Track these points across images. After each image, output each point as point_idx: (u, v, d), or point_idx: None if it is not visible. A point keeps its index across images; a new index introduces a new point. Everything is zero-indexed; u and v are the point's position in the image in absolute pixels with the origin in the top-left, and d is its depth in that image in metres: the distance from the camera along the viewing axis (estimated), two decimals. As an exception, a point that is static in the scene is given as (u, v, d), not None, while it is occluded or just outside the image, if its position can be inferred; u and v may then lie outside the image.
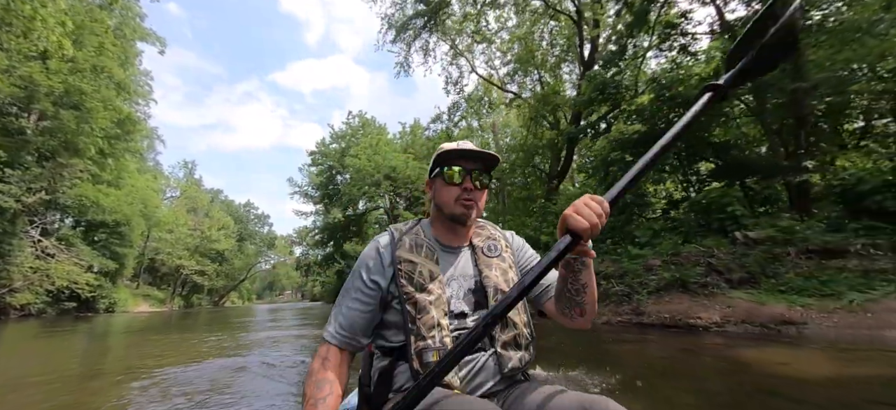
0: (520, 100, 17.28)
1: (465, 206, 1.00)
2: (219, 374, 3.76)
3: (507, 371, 0.93)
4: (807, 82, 6.53)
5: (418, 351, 0.89)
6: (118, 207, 26.93)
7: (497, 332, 0.95)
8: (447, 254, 1.04)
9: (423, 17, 12.79)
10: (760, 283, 5.06)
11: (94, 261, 24.46)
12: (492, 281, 1.00)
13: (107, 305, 25.90)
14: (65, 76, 17.85)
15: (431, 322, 0.91)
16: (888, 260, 4.53)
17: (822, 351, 3.34)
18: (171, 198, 46.20)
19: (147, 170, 37.46)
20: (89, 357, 5.52)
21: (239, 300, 61.83)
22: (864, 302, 4.04)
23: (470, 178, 1.00)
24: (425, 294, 0.93)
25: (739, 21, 8.76)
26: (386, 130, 34.20)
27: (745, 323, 4.31)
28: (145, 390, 3.12)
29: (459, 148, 1.01)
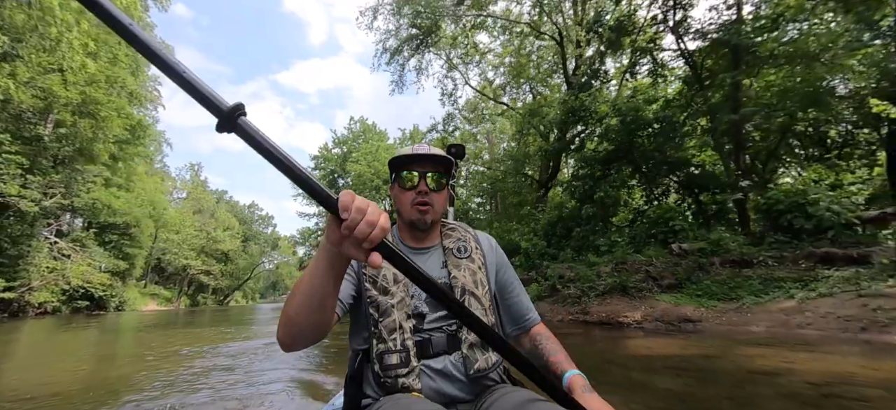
0: (510, 112, 18.24)
1: (421, 211, 0.99)
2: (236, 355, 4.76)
3: (472, 373, 0.90)
4: (747, 109, 7.49)
5: (379, 354, 0.89)
6: (129, 209, 28.12)
7: (463, 334, 0.94)
8: (415, 256, 1.03)
9: (416, 40, 13.81)
10: (683, 288, 6.00)
11: (105, 262, 25.56)
12: (460, 282, 0.98)
13: (117, 304, 26.51)
14: (82, 87, 18.98)
15: (393, 324, 0.90)
16: (785, 271, 5.46)
17: (702, 342, 4.28)
18: (178, 199, 47.45)
19: (155, 173, 38.77)
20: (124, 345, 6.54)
21: (243, 299, 63.04)
22: (753, 304, 4.97)
23: (425, 182, 0.98)
24: (387, 296, 0.93)
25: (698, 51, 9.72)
26: (386, 136, 35.30)
27: (657, 320, 5.25)
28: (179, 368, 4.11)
29: (413, 152, 1.00)
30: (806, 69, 8.78)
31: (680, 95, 10.02)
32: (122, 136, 24.45)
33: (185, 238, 40.51)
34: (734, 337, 4.29)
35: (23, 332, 10.04)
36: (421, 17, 12.84)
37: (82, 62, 12.98)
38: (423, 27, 13.31)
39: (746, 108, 7.29)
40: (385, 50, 14.22)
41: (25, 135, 18.56)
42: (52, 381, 3.56)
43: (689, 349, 3.90)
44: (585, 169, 9.70)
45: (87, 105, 20.14)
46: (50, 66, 17.17)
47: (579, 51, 13.47)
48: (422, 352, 0.91)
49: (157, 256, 38.36)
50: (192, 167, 52.07)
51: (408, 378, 0.87)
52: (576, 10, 13.51)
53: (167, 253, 39.00)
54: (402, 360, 0.88)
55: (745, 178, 7.63)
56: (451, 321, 0.95)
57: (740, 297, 5.28)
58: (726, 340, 4.17)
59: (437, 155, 1.00)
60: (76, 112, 19.75)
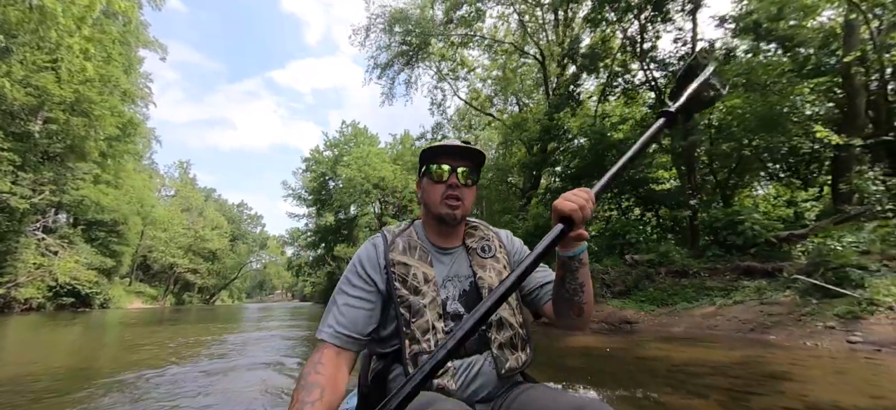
0: (497, 122, 19.14)
1: (451, 206, 0.97)
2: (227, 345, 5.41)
3: (504, 372, 0.91)
4: (693, 136, 8.44)
5: (413, 355, 0.88)
6: (117, 206, 28.12)
7: (492, 334, 0.93)
8: (441, 256, 1.02)
9: (406, 55, 14.64)
10: (631, 294, 6.87)
11: (92, 259, 25.54)
12: (486, 282, 0.97)
13: (101, 301, 26.35)
14: (75, 86, 19.23)
15: (426, 325, 0.90)
16: (715, 281, 6.35)
17: (629, 339, 5.13)
18: (166, 197, 47.21)
19: (143, 170, 38.62)
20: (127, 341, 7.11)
21: (229, 299, 62.65)
22: (682, 309, 5.84)
23: (456, 176, 0.98)
24: (419, 296, 0.92)
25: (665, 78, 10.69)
26: (377, 140, 35.93)
27: (603, 322, 6.09)
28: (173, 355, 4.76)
29: (445, 143, 0.99)
30: (761, 97, 9.83)
31: (645, 120, 10.99)
32: (114, 134, 24.58)
33: (172, 236, 40.39)
34: (658, 335, 5.14)
35: (11, 328, 10.32)
36: (411, 34, 13.64)
37: (82, 65, 13.37)
38: (412, 44, 14.13)
39: (693, 136, 8.24)
40: (376, 65, 15.03)
41: (15, 132, 18.70)
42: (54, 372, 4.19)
43: (614, 343, 4.75)
44: (558, 183, 10.60)
45: (81, 103, 20.36)
46: (44, 64, 17.45)
47: (560, 70, 14.42)
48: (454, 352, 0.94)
49: (142, 254, 38.20)
50: (180, 165, 51.91)
51: (443, 378, 0.87)
52: (557, 31, 14.46)
53: (154, 251, 38.85)
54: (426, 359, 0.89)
55: (694, 197, 8.58)
56: None
57: (675, 303, 6.16)
58: (649, 338, 5.02)
59: (471, 148, 0.99)
60: (69, 110, 19.96)
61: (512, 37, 16.10)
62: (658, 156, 10.62)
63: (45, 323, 12.15)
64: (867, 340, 3.56)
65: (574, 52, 11.62)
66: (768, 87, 9.94)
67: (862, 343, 3.57)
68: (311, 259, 42.11)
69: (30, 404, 2.73)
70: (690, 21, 9.40)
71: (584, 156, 10.44)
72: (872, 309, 3.87)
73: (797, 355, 3.49)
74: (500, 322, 0.95)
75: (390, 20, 14.13)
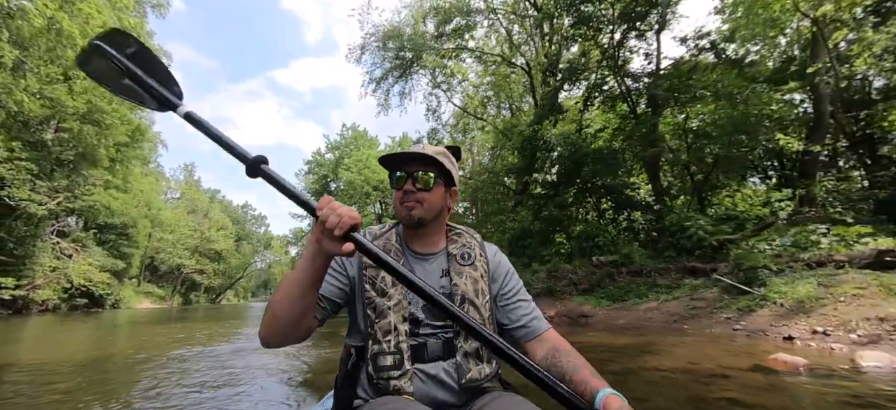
0: (489, 127, 20.01)
1: (407, 208, 0.98)
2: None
3: (464, 382, 0.91)
4: (656, 148, 9.32)
5: (373, 355, 0.90)
6: (126, 210, 29.18)
7: (460, 342, 0.94)
8: (417, 261, 1.03)
9: (399, 69, 15.57)
10: (594, 292, 7.77)
11: (104, 261, 26.61)
12: (460, 289, 0.97)
13: (113, 301, 27.42)
14: (88, 97, 20.20)
15: (387, 326, 0.91)
16: (664, 280, 7.23)
17: (578, 328, 6.02)
18: (172, 199, 48.37)
19: (150, 173, 39.74)
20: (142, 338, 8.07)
21: (235, 298, 63.93)
22: (632, 304, 6.73)
23: (413, 181, 0.98)
24: (385, 299, 0.93)
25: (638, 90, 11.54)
26: (376, 143, 36.90)
27: (564, 315, 6.99)
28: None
29: (398, 152, 1.01)
30: (729, 105, 10.69)
31: (620, 129, 11.86)
32: (123, 141, 25.58)
33: (179, 237, 41.55)
34: (606, 326, 6.03)
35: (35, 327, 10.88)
36: (404, 49, 14.53)
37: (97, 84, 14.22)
38: (406, 59, 15.05)
39: (655, 148, 9.12)
40: (371, 79, 15.96)
41: (30, 140, 19.70)
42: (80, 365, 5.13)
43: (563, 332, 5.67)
44: (540, 189, 11.49)
45: (93, 113, 21.35)
46: (57, 76, 18.41)
47: (544, 82, 15.27)
48: (416, 356, 0.92)
49: (150, 255, 39.33)
50: (186, 168, 53.08)
51: (400, 380, 0.88)
52: (542, 44, 15.30)
53: (161, 253, 40.00)
54: (396, 362, 0.89)
55: (658, 203, 9.45)
56: (448, 328, 0.96)
57: (628, 299, 7.05)
58: (598, 328, 5.92)
59: (425, 154, 0.99)
60: (82, 119, 20.96)
61: (502, 47, 16.97)
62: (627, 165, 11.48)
63: (63, 322, 12.85)
64: (746, 328, 4.44)
65: (554, 66, 12.47)
66: (734, 96, 10.81)
67: (741, 330, 4.46)
68: (313, 259, 43.12)
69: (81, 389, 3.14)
70: (656, 41, 10.25)
71: (563, 165, 11.32)
72: (763, 304, 4.74)
73: (687, 339, 4.38)
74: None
75: (384, 38, 15.06)
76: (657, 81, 9.83)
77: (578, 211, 11.96)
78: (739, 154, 11.44)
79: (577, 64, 12.15)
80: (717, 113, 10.79)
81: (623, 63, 11.66)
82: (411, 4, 16.07)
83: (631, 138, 10.82)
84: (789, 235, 6.36)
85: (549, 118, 12.09)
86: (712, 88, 10.72)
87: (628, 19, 10.73)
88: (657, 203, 9.47)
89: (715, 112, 10.89)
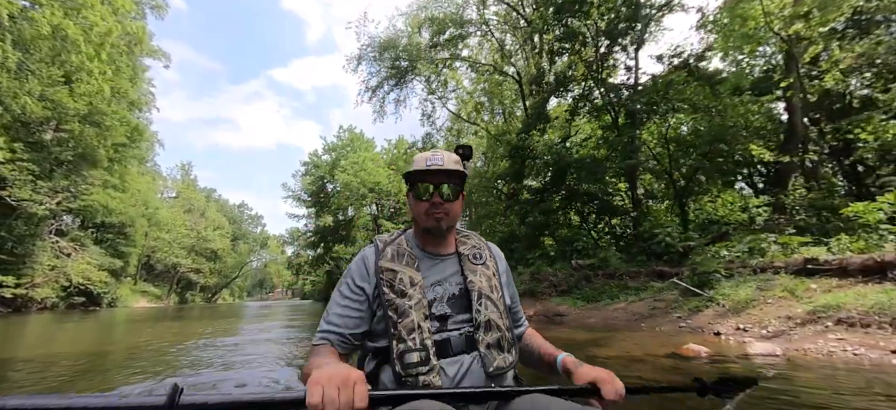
0: (483, 132, 20.63)
1: (436, 219, 1.04)
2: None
3: (491, 370, 0.96)
4: (632, 159, 9.97)
5: (399, 354, 0.92)
6: (124, 210, 29.45)
7: (480, 334, 0.99)
8: (432, 261, 1.08)
9: (395, 78, 16.19)
10: (571, 293, 8.39)
11: (102, 260, 26.92)
12: (477, 286, 1.03)
13: (110, 300, 27.69)
14: (89, 99, 20.56)
15: (411, 325, 0.94)
16: (635, 282, 7.86)
17: (552, 326, 6.64)
18: (168, 198, 48.58)
19: (146, 172, 39.98)
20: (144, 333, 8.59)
21: (230, 297, 64.13)
22: (604, 305, 7.34)
23: (439, 193, 1.04)
24: (405, 299, 0.97)
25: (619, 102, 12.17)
26: (373, 145, 37.40)
27: (541, 315, 7.62)
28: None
29: (426, 166, 1.05)
30: (706, 117, 11.37)
31: (603, 139, 12.51)
32: (122, 141, 25.91)
33: (175, 237, 41.81)
34: (577, 324, 6.65)
35: (36, 324, 11.15)
36: (400, 59, 15.13)
37: (100, 87, 14.76)
38: (401, 68, 15.67)
39: (631, 158, 9.78)
40: (368, 88, 16.56)
41: (30, 141, 20.05)
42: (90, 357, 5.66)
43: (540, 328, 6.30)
44: (527, 195, 12.13)
45: (93, 115, 21.72)
46: (58, 78, 18.79)
47: (531, 92, 15.91)
48: (441, 351, 0.96)
49: (146, 254, 39.55)
50: (182, 167, 53.29)
51: (428, 375, 0.91)
52: (531, 55, 15.95)
53: (158, 252, 40.25)
54: (423, 359, 0.92)
55: (635, 209, 10.10)
56: (469, 323, 1.00)
57: (601, 299, 7.67)
58: (570, 326, 6.54)
59: (450, 169, 1.05)
60: (82, 121, 21.31)
61: (494, 56, 17.61)
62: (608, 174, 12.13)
63: (63, 320, 13.08)
64: (690, 326, 5.07)
65: (541, 78, 13.12)
66: (710, 108, 11.51)
67: (685, 327, 5.09)
68: (310, 258, 43.65)
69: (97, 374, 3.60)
70: (635, 58, 10.93)
71: (549, 173, 11.96)
72: (709, 305, 5.36)
73: (638, 334, 5.00)
74: (488, 323, 1.00)
75: (380, 48, 15.67)
76: (635, 96, 10.50)
77: (563, 217, 12.59)
78: (716, 162, 12.13)
79: (564, 76, 12.79)
80: (700, 123, 11.50)
81: (606, 76, 12.31)
82: (407, 14, 16.69)
83: (613, 148, 11.46)
84: (745, 243, 7.01)
85: (538, 127, 12.72)
86: (689, 101, 11.41)
87: (611, 35, 11.38)
88: (634, 210, 10.13)
89: (698, 122, 11.60)
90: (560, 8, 11.66)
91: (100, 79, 14.71)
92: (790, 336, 3.75)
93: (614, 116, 12.04)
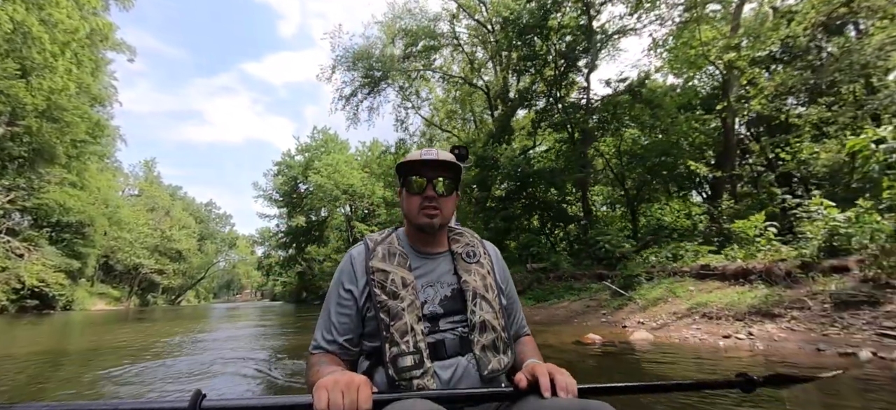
0: (455, 139, 21.51)
1: (428, 215, 1.01)
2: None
3: (486, 373, 0.94)
4: (584, 172, 11.09)
5: (393, 357, 0.90)
6: (83, 208, 28.23)
7: (475, 336, 0.96)
8: (425, 260, 1.05)
9: (368, 87, 16.83)
10: (524, 294, 9.35)
11: (58, 261, 25.71)
12: (471, 286, 1.01)
13: (64, 303, 26.45)
14: (47, 94, 19.77)
15: (404, 327, 0.92)
16: (579, 284, 8.91)
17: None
18: (130, 196, 46.58)
19: (107, 169, 38.22)
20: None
21: (195, 299, 61.93)
22: (550, 304, 8.32)
23: (433, 187, 1.01)
24: (397, 300, 0.95)
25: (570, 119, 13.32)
26: (347, 146, 37.54)
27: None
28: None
29: (421, 157, 1.02)
30: (650, 133, 12.70)
31: (561, 152, 13.65)
32: (83, 138, 24.92)
33: (137, 236, 40.19)
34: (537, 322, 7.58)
35: None
36: (373, 69, 15.76)
37: (65, 85, 14.44)
38: (375, 77, 16.32)
39: (582, 171, 10.91)
40: (342, 97, 17.10)
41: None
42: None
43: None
44: (491, 203, 13.08)
45: (52, 110, 20.88)
46: (14, 71, 18.03)
47: (495, 105, 16.93)
48: (435, 354, 0.94)
49: (105, 255, 37.83)
50: (146, 163, 51.16)
51: (422, 378, 0.89)
52: (498, 71, 16.99)
53: (118, 252, 38.58)
54: (416, 362, 0.90)
55: (585, 218, 11.24)
56: (463, 324, 0.98)
57: (549, 299, 8.66)
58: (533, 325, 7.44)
59: (446, 161, 1.02)
60: (40, 117, 20.44)
61: (464, 69, 18.54)
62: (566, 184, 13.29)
63: (11, 324, 12.67)
64: (609, 321, 6.08)
65: (506, 93, 14.15)
66: (656, 126, 12.85)
67: (606, 322, 6.10)
68: (282, 259, 43.09)
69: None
70: (587, 81, 12.12)
71: (511, 182, 12.97)
72: (628, 303, 6.40)
73: (567, 328, 5.96)
74: (483, 324, 0.98)
75: (354, 59, 16.25)
76: (586, 115, 11.67)
77: (524, 223, 13.63)
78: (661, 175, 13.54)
79: (527, 92, 13.86)
80: (648, 138, 12.84)
81: (564, 95, 13.46)
82: (382, 23, 17.32)
83: (569, 161, 12.61)
84: (668, 249, 8.18)
85: (504, 137, 13.70)
86: (636, 119, 12.73)
87: (567, 58, 12.52)
88: (585, 218, 11.26)
89: (645, 138, 12.95)
90: (523, 30, 12.71)
91: (64, 76, 14.35)
92: (669, 327, 4.78)
93: (571, 132, 13.21)
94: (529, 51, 12.85)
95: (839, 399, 2.14)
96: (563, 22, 12.83)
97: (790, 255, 4.88)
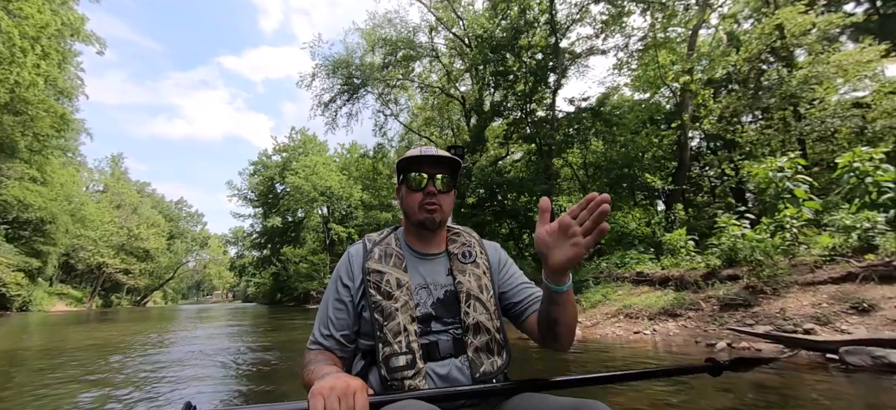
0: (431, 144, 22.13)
1: (429, 211, 1.01)
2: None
3: (478, 375, 0.93)
4: (549, 183, 11.96)
5: (385, 358, 0.91)
6: (44, 205, 27.10)
7: (469, 337, 0.96)
8: (421, 261, 1.05)
9: (347, 93, 17.27)
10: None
11: (16, 260, 24.66)
12: (465, 287, 1.00)
13: (21, 304, 25.51)
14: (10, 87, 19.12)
15: (397, 328, 0.92)
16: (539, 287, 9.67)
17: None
18: (95, 193, 44.70)
19: (70, 164, 36.64)
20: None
21: (162, 300, 59.72)
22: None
23: (433, 183, 1.01)
24: (391, 301, 0.95)
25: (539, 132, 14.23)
26: (326, 148, 37.50)
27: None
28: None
29: (421, 153, 1.02)
30: (613, 146, 13.74)
31: (531, 162, 14.54)
32: (48, 132, 24.05)
33: (102, 235, 38.65)
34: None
35: None
36: (353, 77, 16.20)
37: (33, 80, 14.12)
38: (354, 84, 16.78)
39: (545, 185, 11.78)
40: (321, 103, 17.45)
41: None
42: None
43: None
44: (464, 210, 13.80)
45: (15, 103, 20.13)
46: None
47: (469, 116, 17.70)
48: (428, 355, 0.94)
49: (66, 253, 36.22)
50: (113, 159, 49.18)
51: (414, 379, 0.89)
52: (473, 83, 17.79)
53: (80, 251, 37.00)
54: (409, 362, 0.90)
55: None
56: (456, 326, 0.98)
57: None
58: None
59: (445, 156, 1.03)
60: (2, 109, 19.67)
61: (441, 80, 19.25)
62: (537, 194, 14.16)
63: None
64: None
65: (480, 105, 14.95)
66: (616, 140, 13.91)
67: None
68: (256, 259, 42.38)
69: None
70: (552, 99, 13.04)
71: (482, 191, 13.74)
72: (580, 305, 7.18)
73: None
74: (477, 326, 0.97)
75: (334, 66, 16.65)
76: (551, 131, 12.57)
77: (494, 229, 14.42)
78: (622, 186, 14.64)
79: (499, 105, 14.69)
80: (612, 151, 13.90)
81: (533, 110, 14.37)
82: (363, 30, 17.76)
83: (536, 172, 13.49)
84: (616, 257, 9.08)
85: (478, 147, 14.45)
86: (599, 135, 13.78)
87: (536, 75, 13.42)
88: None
89: (612, 150, 14.01)
90: (495, 47, 13.52)
91: (31, 71, 14.03)
92: (601, 325, 5.57)
93: (538, 145, 14.11)
94: (502, 67, 13.69)
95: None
96: (534, 41, 13.73)
97: (699, 265, 5.77)
